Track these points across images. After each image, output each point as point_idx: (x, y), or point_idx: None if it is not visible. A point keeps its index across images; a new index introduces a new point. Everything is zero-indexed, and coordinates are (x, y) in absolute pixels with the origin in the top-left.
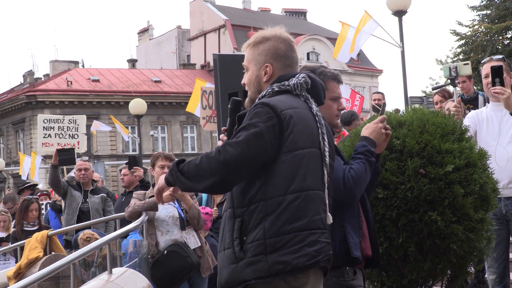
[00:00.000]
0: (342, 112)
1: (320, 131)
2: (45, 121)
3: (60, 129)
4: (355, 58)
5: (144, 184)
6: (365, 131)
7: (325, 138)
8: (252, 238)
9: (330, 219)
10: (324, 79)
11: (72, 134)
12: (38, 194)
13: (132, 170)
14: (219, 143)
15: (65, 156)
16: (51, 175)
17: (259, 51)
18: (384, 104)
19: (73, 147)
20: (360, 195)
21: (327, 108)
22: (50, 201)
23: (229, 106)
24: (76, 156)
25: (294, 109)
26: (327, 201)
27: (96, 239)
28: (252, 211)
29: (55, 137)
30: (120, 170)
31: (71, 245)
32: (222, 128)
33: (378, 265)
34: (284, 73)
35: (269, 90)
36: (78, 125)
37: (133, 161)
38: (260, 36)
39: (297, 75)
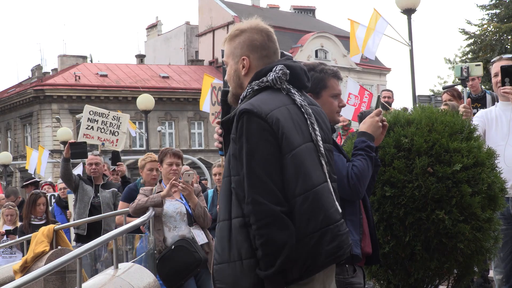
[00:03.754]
0: (363, 110)
1: (308, 122)
2: (91, 112)
3: (103, 124)
4: (373, 59)
5: (126, 181)
6: (363, 126)
7: (315, 127)
8: None
9: (339, 207)
10: (325, 77)
11: (113, 130)
12: (42, 184)
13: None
14: (215, 136)
15: (78, 150)
16: (62, 168)
17: (235, 44)
18: (379, 97)
19: (109, 142)
20: (364, 191)
21: (328, 105)
22: (55, 194)
23: (221, 98)
24: (99, 150)
25: (277, 108)
26: (332, 190)
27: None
28: None
29: (97, 130)
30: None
31: (82, 239)
32: (216, 121)
33: (378, 262)
34: (262, 64)
35: (249, 90)
36: (120, 123)
37: (117, 156)
38: (235, 29)
39: (274, 68)
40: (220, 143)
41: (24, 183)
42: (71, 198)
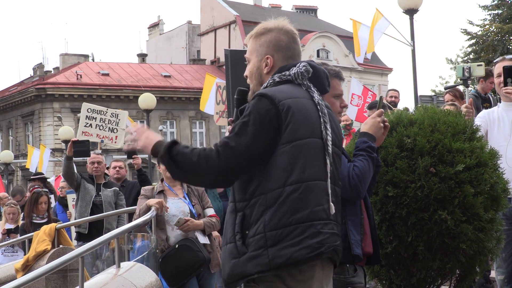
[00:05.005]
0: (374, 100)
1: (322, 120)
2: (89, 110)
3: (101, 121)
4: (369, 58)
5: (142, 174)
6: (364, 127)
7: (328, 127)
8: (253, 232)
9: (332, 209)
10: None
11: (112, 128)
12: (32, 187)
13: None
14: (226, 134)
15: (80, 148)
16: (65, 167)
17: (261, 42)
18: (381, 98)
19: (108, 139)
20: (365, 192)
21: (329, 106)
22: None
23: (235, 96)
24: (98, 148)
25: (293, 98)
26: (329, 191)
27: None
28: (253, 205)
29: (96, 128)
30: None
31: (83, 238)
32: (229, 119)
33: (379, 262)
34: (286, 64)
35: (270, 81)
36: (119, 120)
37: (132, 150)
38: (262, 28)
39: (298, 64)
40: None
41: (31, 177)
42: (70, 198)
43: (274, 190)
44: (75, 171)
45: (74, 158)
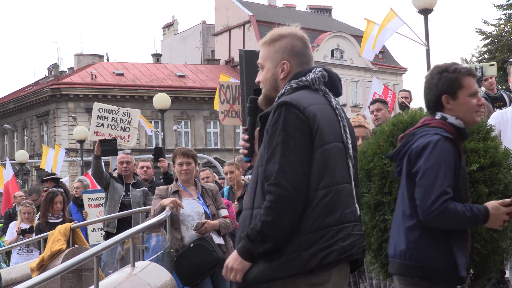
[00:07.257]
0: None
1: (341, 124)
2: (100, 110)
3: (113, 120)
4: (378, 55)
5: (168, 177)
6: (493, 211)
7: (347, 130)
8: None
9: (358, 210)
10: (459, 76)
11: (125, 127)
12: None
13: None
14: (241, 143)
15: (108, 147)
16: (94, 166)
17: (276, 48)
18: None
19: (120, 139)
20: (440, 228)
21: (466, 105)
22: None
23: (247, 104)
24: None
25: (315, 105)
26: (354, 193)
27: None
28: None
29: (108, 127)
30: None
31: (111, 237)
32: (243, 128)
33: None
34: (301, 70)
35: (287, 88)
36: (131, 118)
37: (159, 152)
38: (276, 34)
39: (314, 70)
40: (246, 149)
41: (44, 178)
42: (86, 198)
43: (307, 195)
44: (104, 170)
45: (102, 157)
